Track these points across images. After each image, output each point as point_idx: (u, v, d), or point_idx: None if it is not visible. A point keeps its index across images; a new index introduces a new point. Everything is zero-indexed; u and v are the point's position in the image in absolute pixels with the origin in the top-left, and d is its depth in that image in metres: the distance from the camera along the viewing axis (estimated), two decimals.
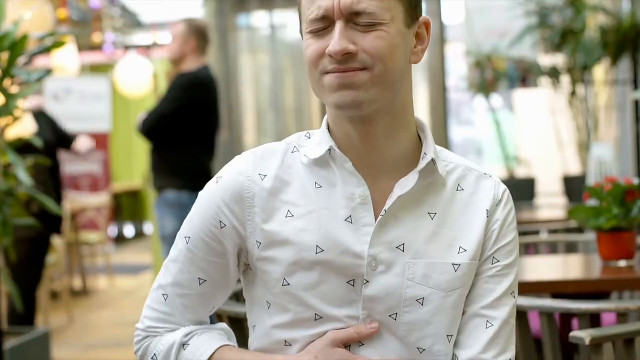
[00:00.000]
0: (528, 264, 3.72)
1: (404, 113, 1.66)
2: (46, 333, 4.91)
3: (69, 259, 8.96)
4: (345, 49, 1.55)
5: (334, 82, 1.58)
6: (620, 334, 2.38)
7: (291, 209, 1.64)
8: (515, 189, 8.48)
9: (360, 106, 1.58)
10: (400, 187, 1.63)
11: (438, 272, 1.63)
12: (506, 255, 1.69)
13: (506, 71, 9.18)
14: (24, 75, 4.33)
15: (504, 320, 1.66)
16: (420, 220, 1.65)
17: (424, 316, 1.62)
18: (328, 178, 1.65)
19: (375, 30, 1.57)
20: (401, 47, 1.61)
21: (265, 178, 1.66)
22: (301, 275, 1.62)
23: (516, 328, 2.74)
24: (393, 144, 1.65)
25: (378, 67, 1.57)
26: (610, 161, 6.32)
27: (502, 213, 1.70)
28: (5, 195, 4.26)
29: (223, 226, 1.66)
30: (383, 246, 1.62)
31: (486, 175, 1.73)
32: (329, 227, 1.62)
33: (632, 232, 3.23)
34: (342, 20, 1.57)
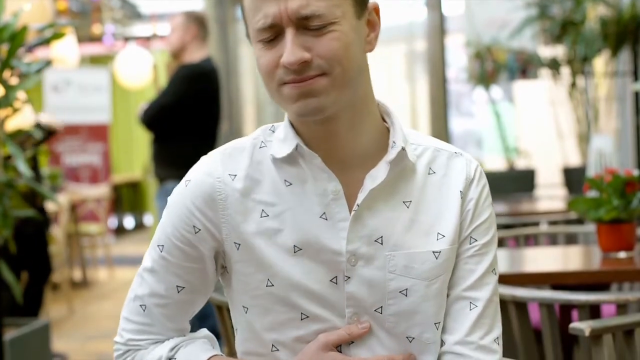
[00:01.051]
0: (528, 256, 3.72)
1: (366, 104, 1.62)
2: (46, 324, 4.92)
3: (69, 250, 8.96)
4: (300, 59, 1.50)
5: (294, 92, 1.52)
6: (620, 326, 2.38)
7: (265, 208, 1.60)
8: (515, 181, 8.52)
9: (323, 112, 1.54)
10: (372, 179, 1.59)
11: (419, 262, 1.60)
12: (484, 233, 1.66)
13: (506, 62, 9.18)
14: (24, 67, 4.33)
15: (488, 300, 1.64)
16: (396, 211, 1.61)
17: (409, 306, 1.60)
18: (298, 175, 1.60)
19: (328, 32, 1.51)
20: (356, 42, 1.56)
21: (235, 178, 1.61)
22: (284, 276, 1.59)
23: (516, 320, 2.75)
24: (359, 136, 1.61)
25: (336, 70, 1.52)
26: (611, 153, 6.32)
27: (476, 191, 1.66)
28: (5, 187, 4.26)
29: (197, 231, 1.61)
30: (361, 241, 1.59)
31: (457, 154, 1.69)
32: (305, 226, 1.59)
33: (632, 223, 3.23)
34: (292, 27, 1.51)
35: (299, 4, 1.50)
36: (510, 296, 2.74)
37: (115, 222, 13.75)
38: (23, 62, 4.37)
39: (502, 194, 7.58)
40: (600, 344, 2.34)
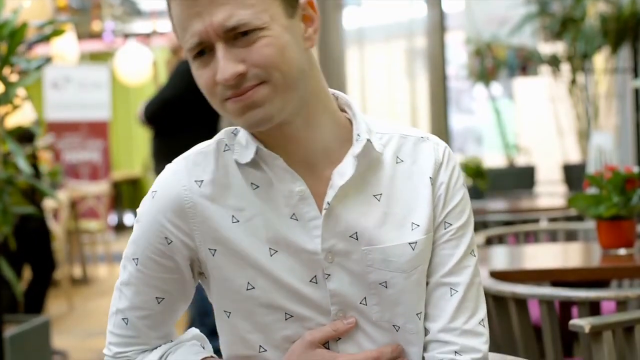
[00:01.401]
0: (528, 252, 3.72)
1: (319, 100, 1.57)
2: (46, 321, 4.92)
3: (69, 247, 8.96)
4: (234, 74, 1.45)
5: (237, 107, 1.48)
6: (619, 322, 2.38)
7: (235, 214, 1.56)
8: (515, 178, 8.53)
9: (271, 120, 1.49)
10: (340, 175, 1.56)
11: (396, 255, 1.57)
12: (458, 216, 1.62)
13: (506, 59, 9.18)
14: (24, 64, 4.33)
15: (468, 283, 1.61)
16: (367, 205, 1.58)
17: (391, 298, 1.57)
18: (263, 178, 1.57)
19: (258, 39, 1.45)
20: (291, 43, 1.49)
21: (202, 184, 1.58)
22: (264, 278, 1.56)
23: (516, 316, 2.75)
24: (318, 134, 1.57)
25: (275, 76, 1.46)
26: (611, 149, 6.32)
27: (445, 175, 1.62)
28: (5, 184, 4.26)
29: (170, 242, 1.58)
30: (336, 238, 1.56)
31: (423, 139, 1.65)
32: (277, 228, 1.56)
33: (632, 220, 3.23)
34: (221, 42, 1.45)
35: (223, 16, 1.44)
36: (510, 293, 2.74)
37: (115, 218, 13.76)
38: (23, 59, 4.36)
39: (502, 190, 7.59)
40: (600, 340, 2.34)
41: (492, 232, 4.28)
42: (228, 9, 1.44)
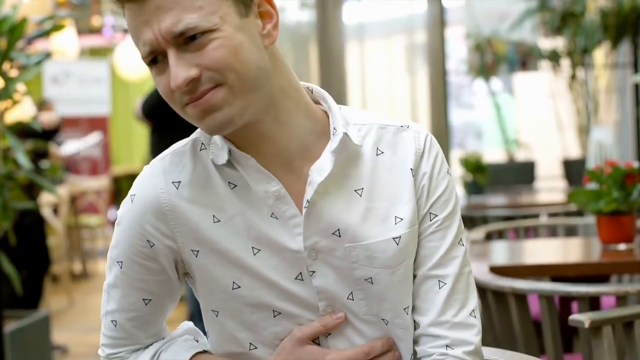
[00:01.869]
0: (528, 248, 3.72)
1: (288, 96, 1.53)
2: (46, 316, 4.92)
3: (69, 242, 8.97)
4: (187, 79, 1.41)
5: (196, 112, 1.45)
6: (619, 317, 2.38)
7: (216, 214, 1.54)
8: (515, 173, 8.53)
9: (232, 123, 1.45)
10: (318, 172, 1.52)
11: (380, 251, 1.54)
12: (443, 206, 1.58)
13: (506, 54, 9.18)
14: (23, 59, 4.32)
15: (457, 274, 1.58)
16: (348, 201, 1.55)
17: (376, 293, 1.55)
18: (240, 178, 1.54)
19: (209, 42, 1.41)
20: (246, 42, 1.44)
21: (180, 185, 1.55)
22: (249, 276, 1.54)
23: (516, 311, 2.75)
24: (291, 131, 1.53)
25: (230, 77, 1.42)
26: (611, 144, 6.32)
27: (428, 164, 1.58)
28: (5, 179, 4.26)
29: (152, 245, 1.56)
30: (318, 235, 1.54)
31: (403, 128, 1.60)
32: (258, 227, 1.53)
33: (632, 215, 3.23)
34: (171, 48, 1.42)
35: (170, 22, 1.40)
36: (510, 288, 2.74)
37: (115, 213, 13.74)
38: (22, 54, 4.36)
39: (501, 185, 7.59)
40: (599, 335, 2.34)
41: (492, 227, 4.29)
42: (175, 14, 1.40)
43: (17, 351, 4.44)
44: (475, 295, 1.62)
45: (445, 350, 1.56)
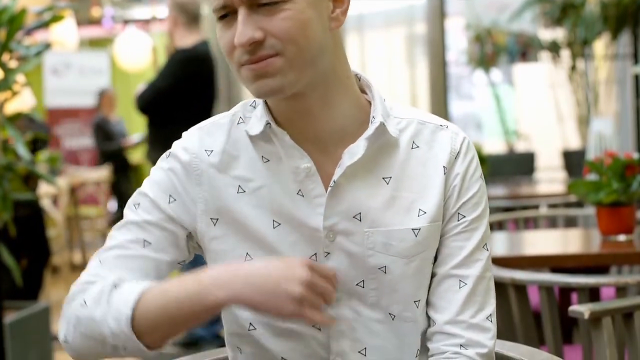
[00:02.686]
0: (527, 239, 3.72)
1: (339, 80, 1.57)
2: (46, 308, 4.92)
3: (69, 233, 8.97)
4: (250, 39, 1.45)
5: (250, 74, 1.49)
6: (619, 309, 2.39)
7: (242, 184, 1.58)
8: (515, 164, 8.52)
9: (282, 91, 1.49)
10: (350, 155, 1.55)
11: (397, 239, 1.56)
12: (472, 209, 1.61)
13: (506, 45, 9.17)
14: (23, 50, 4.32)
15: (478, 277, 1.60)
16: (375, 187, 1.57)
17: (389, 283, 1.57)
18: (274, 152, 1.58)
19: (281, 11, 1.46)
20: (315, 20, 1.48)
21: (212, 154, 1.59)
22: (263, 250, 1.56)
23: (516, 302, 2.76)
24: (334, 114, 1.57)
25: (290, 49, 1.46)
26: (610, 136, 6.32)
27: (462, 166, 1.61)
28: (5, 170, 4.26)
29: (172, 201, 1.58)
30: (339, 216, 1.56)
31: (442, 127, 1.64)
32: (282, 202, 1.56)
33: (632, 206, 3.23)
34: (244, 7, 1.46)
35: None
36: (510, 279, 2.74)
37: (115, 205, 13.75)
38: (22, 45, 4.36)
39: (501, 176, 7.59)
40: (599, 326, 2.34)
41: (491, 218, 4.28)
42: None
43: (17, 342, 4.44)
44: (494, 301, 1.63)
45: (459, 349, 1.57)
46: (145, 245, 1.58)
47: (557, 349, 2.73)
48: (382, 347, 1.59)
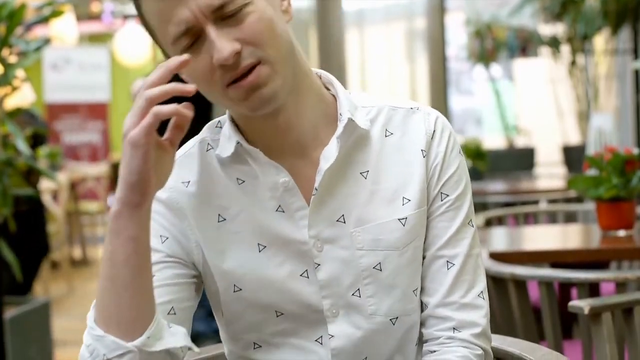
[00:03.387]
0: (527, 234, 3.72)
1: (305, 76, 1.52)
2: (46, 303, 4.92)
3: (68, 229, 8.98)
4: (232, 51, 1.38)
5: (240, 92, 1.42)
6: (619, 304, 2.38)
7: (222, 212, 1.53)
8: (515, 159, 8.53)
9: (276, 99, 1.44)
10: (325, 159, 1.50)
11: (387, 232, 1.52)
12: (454, 186, 1.57)
13: (506, 41, 9.16)
14: (23, 45, 4.32)
15: (466, 255, 1.56)
16: (354, 185, 1.53)
17: (386, 281, 1.53)
18: (249, 171, 1.52)
19: (246, 16, 1.40)
20: (275, 16, 1.44)
21: (189, 184, 1.54)
22: (251, 277, 1.53)
23: (515, 298, 2.76)
24: (304, 118, 1.51)
25: (270, 53, 1.41)
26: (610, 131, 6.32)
27: (441, 145, 1.56)
28: (5, 166, 4.26)
29: (165, 240, 1.53)
30: (323, 224, 1.52)
31: (413, 110, 1.59)
32: (263, 223, 1.52)
33: (632, 202, 3.23)
34: (210, 23, 1.39)
35: None
36: (510, 274, 2.74)
37: None
38: (22, 40, 4.35)
39: (501, 172, 7.60)
40: (599, 322, 2.34)
41: (491, 214, 4.29)
42: None
43: (17, 337, 4.44)
44: (484, 277, 1.60)
45: (452, 333, 1.54)
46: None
47: (556, 344, 2.73)
48: (384, 352, 1.57)
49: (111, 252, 1.39)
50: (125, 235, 1.38)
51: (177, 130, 1.42)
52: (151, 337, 1.40)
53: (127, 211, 1.37)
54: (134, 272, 1.38)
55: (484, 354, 1.56)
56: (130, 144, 1.33)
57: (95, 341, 1.39)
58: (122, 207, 1.37)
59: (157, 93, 1.34)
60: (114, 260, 1.38)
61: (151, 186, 1.37)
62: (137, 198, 1.36)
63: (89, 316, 1.42)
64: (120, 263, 1.38)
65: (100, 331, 1.39)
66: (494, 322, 2.89)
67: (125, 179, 1.36)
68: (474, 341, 1.54)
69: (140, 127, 1.33)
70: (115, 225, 1.38)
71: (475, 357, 1.54)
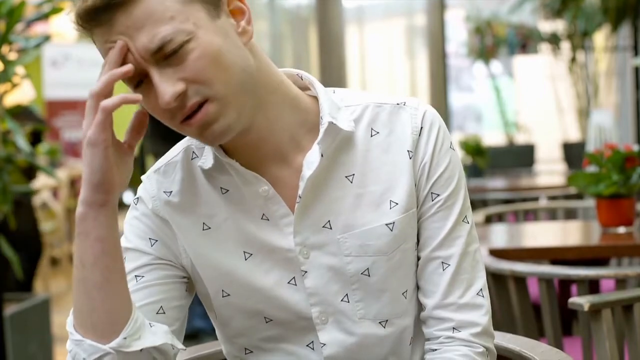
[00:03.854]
0: (527, 231, 3.72)
1: (273, 91, 1.46)
2: (46, 299, 4.92)
3: (68, 225, 8.97)
4: (174, 95, 1.34)
5: (192, 129, 1.39)
6: (619, 301, 2.38)
7: (206, 221, 1.51)
8: (515, 156, 8.54)
9: (230, 131, 1.40)
10: (308, 165, 1.46)
11: (374, 238, 1.48)
12: (446, 185, 1.51)
13: (506, 37, 9.17)
14: (22, 42, 4.31)
15: (461, 254, 1.52)
16: (339, 190, 1.49)
17: (375, 286, 1.50)
18: (231, 181, 1.50)
19: (188, 53, 1.35)
20: (225, 45, 1.38)
21: (171, 195, 1.53)
22: (239, 285, 1.51)
23: (515, 294, 2.76)
24: (281, 126, 1.47)
25: (216, 89, 1.36)
26: (610, 128, 6.32)
27: (428, 143, 1.50)
28: (5, 163, 4.26)
29: (154, 243, 1.53)
30: (309, 230, 1.49)
31: (400, 105, 1.52)
32: (249, 230, 1.50)
33: (632, 198, 3.23)
34: (152, 65, 1.35)
35: (145, 39, 1.34)
36: (510, 271, 2.74)
37: None
38: (21, 37, 4.35)
39: (501, 169, 7.60)
40: (599, 318, 2.34)
41: (491, 211, 4.29)
42: (148, 30, 1.34)
43: (18, 334, 4.44)
44: (484, 273, 1.56)
45: (451, 333, 1.52)
46: (138, 281, 1.52)
47: (556, 341, 2.73)
48: (377, 355, 1.55)
49: (80, 255, 1.41)
50: (93, 236, 1.40)
51: (135, 133, 1.44)
52: (128, 337, 1.41)
53: (92, 212, 1.40)
54: (104, 273, 1.40)
55: (486, 351, 1.54)
56: (88, 144, 1.36)
57: (76, 346, 1.41)
58: (86, 208, 1.41)
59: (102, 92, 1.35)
60: (84, 262, 1.40)
61: (114, 185, 1.39)
62: (101, 197, 1.39)
63: (68, 322, 1.44)
64: (90, 265, 1.40)
65: (79, 336, 1.41)
66: (494, 319, 2.88)
67: (87, 179, 1.39)
68: (475, 340, 1.53)
69: (94, 125, 1.35)
70: (82, 227, 1.41)
71: (477, 355, 1.52)
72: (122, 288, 1.42)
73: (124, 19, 1.34)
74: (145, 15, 1.34)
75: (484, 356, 1.54)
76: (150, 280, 1.52)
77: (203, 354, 1.85)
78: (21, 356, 4.46)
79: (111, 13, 1.35)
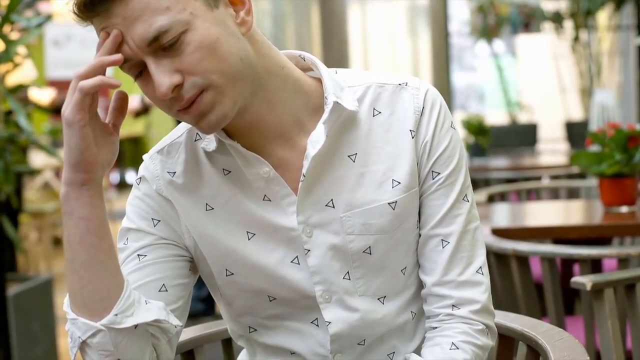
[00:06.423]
0: (530, 210, 3.72)
1: (274, 76, 1.47)
2: (49, 279, 4.93)
3: None
4: (170, 87, 1.36)
5: (189, 118, 1.41)
6: (621, 280, 2.39)
7: (209, 202, 1.53)
8: (518, 135, 8.53)
9: (226, 119, 1.41)
10: (313, 145, 1.48)
11: (376, 216, 1.51)
12: (446, 163, 1.53)
13: (509, 16, 9.14)
14: (24, 22, 4.31)
15: (461, 232, 1.54)
16: (342, 169, 1.51)
17: (375, 264, 1.53)
18: (233, 163, 1.51)
19: (185, 45, 1.36)
20: (222, 36, 1.38)
21: (175, 175, 1.54)
22: (242, 263, 1.53)
23: (518, 274, 2.76)
24: (283, 108, 1.49)
25: (213, 79, 1.38)
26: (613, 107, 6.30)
27: (430, 122, 1.53)
28: (7, 143, 4.26)
29: (157, 223, 1.55)
30: (311, 209, 1.51)
31: (401, 86, 1.54)
32: (252, 211, 1.52)
33: (634, 178, 3.23)
34: (149, 56, 1.37)
35: (142, 29, 1.35)
36: (512, 250, 2.74)
37: (118, 177, 13.77)
38: (23, 17, 4.34)
39: (504, 148, 7.60)
40: (601, 298, 2.35)
41: (494, 190, 4.29)
42: (144, 21, 1.35)
43: (20, 314, 4.46)
44: (484, 251, 1.58)
45: (451, 310, 1.54)
46: (140, 260, 1.54)
47: (559, 320, 2.73)
48: (380, 331, 1.57)
49: (67, 234, 1.43)
50: (76, 216, 1.41)
51: (117, 113, 1.46)
52: (119, 314, 1.42)
53: (73, 192, 1.41)
54: (90, 252, 1.42)
55: (485, 328, 1.55)
56: (65, 124, 1.37)
57: (72, 325, 1.44)
58: (68, 188, 1.41)
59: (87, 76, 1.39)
60: (70, 242, 1.42)
61: (95, 164, 1.40)
62: (81, 176, 1.40)
63: (65, 302, 1.46)
64: (76, 244, 1.42)
65: (74, 315, 1.43)
66: (496, 298, 2.89)
67: (67, 159, 1.39)
68: (474, 317, 1.54)
69: (71, 104, 1.37)
70: (67, 207, 1.41)
71: (476, 332, 1.54)
72: (111, 265, 1.44)
73: (120, 9, 1.36)
74: (142, 5, 1.35)
75: (483, 333, 1.55)
76: (152, 259, 1.54)
77: (206, 333, 1.85)
78: (24, 336, 4.47)
79: (108, 4, 1.36)
